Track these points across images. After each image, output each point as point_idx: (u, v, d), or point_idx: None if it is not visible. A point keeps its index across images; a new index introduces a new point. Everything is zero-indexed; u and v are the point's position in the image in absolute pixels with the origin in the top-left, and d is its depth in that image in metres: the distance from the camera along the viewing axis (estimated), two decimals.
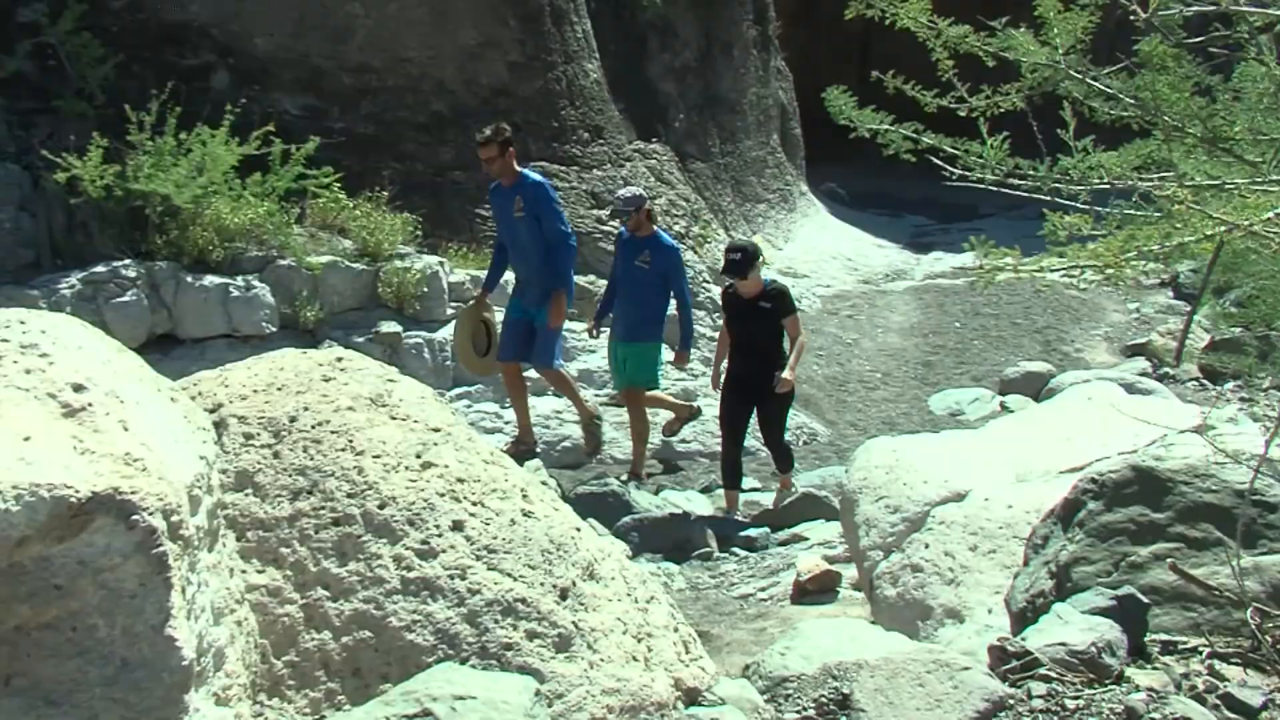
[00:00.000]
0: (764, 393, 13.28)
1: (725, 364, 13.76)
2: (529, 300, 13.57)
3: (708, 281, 21.39)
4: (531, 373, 14.37)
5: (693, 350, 15.11)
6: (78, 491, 3.82)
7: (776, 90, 30.29)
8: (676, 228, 21.85)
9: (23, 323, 4.45)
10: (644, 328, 14.18)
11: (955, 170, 6.05)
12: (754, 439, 14.48)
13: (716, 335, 20.67)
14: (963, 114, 6.20)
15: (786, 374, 13.10)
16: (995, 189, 5.90)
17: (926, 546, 8.16)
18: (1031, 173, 5.78)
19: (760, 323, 13.13)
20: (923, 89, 6.15)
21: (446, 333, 16.12)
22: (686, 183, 24.18)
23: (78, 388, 4.24)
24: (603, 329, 14.82)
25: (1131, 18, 5.53)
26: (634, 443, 14.54)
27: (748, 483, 14.70)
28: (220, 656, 4.40)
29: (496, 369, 14.24)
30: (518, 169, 13.21)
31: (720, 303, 14.53)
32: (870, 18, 6.18)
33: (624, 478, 14.08)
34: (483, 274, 15.52)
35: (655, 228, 14.24)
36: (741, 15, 28.54)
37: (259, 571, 4.96)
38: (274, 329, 15.47)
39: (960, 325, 22.98)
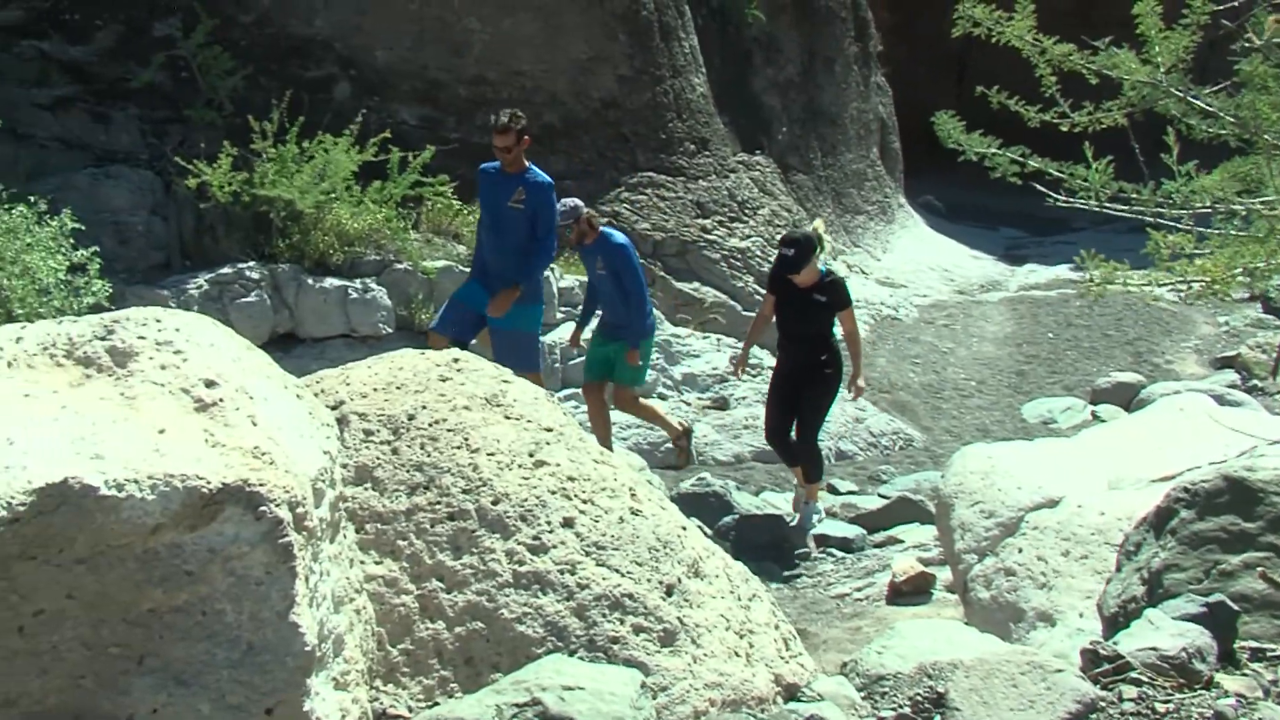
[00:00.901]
0: (803, 389, 12.75)
1: (754, 348, 13.55)
2: (493, 291, 12.64)
3: None
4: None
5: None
6: (209, 482, 4.00)
7: (876, 105, 30.31)
8: (779, 237, 21.93)
9: (158, 321, 4.65)
10: (621, 328, 13.57)
11: (1058, 196, 6.10)
12: (853, 443, 14.55)
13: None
14: (1065, 129, 6.26)
15: (860, 381, 12.87)
16: (1096, 208, 5.96)
17: (1020, 551, 8.20)
18: (1135, 196, 5.83)
19: (813, 314, 12.54)
20: (1025, 104, 6.22)
21: (555, 336, 16.32)
22: (788, 194, 24.26)
23: (209, 383, 4.43)
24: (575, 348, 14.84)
25: (1226, 35, 5.58)
26: (654, 423, 14.59)
27: (844, 485, 14.77)
28: (339, 643, 4.55)
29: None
30: (526, 162, 12.53)
31: (767, 284, 13.47)
32: (969, 34, 6.27)
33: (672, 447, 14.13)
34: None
35: (602, 229, 13.54)
36: (843, 31, 28.61)
37: (377, 563, 5.11)
38: (390, 330, 15.76)
39: (1053, 336, 22.93)
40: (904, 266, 27.40)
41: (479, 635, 4.99)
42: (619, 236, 13.65)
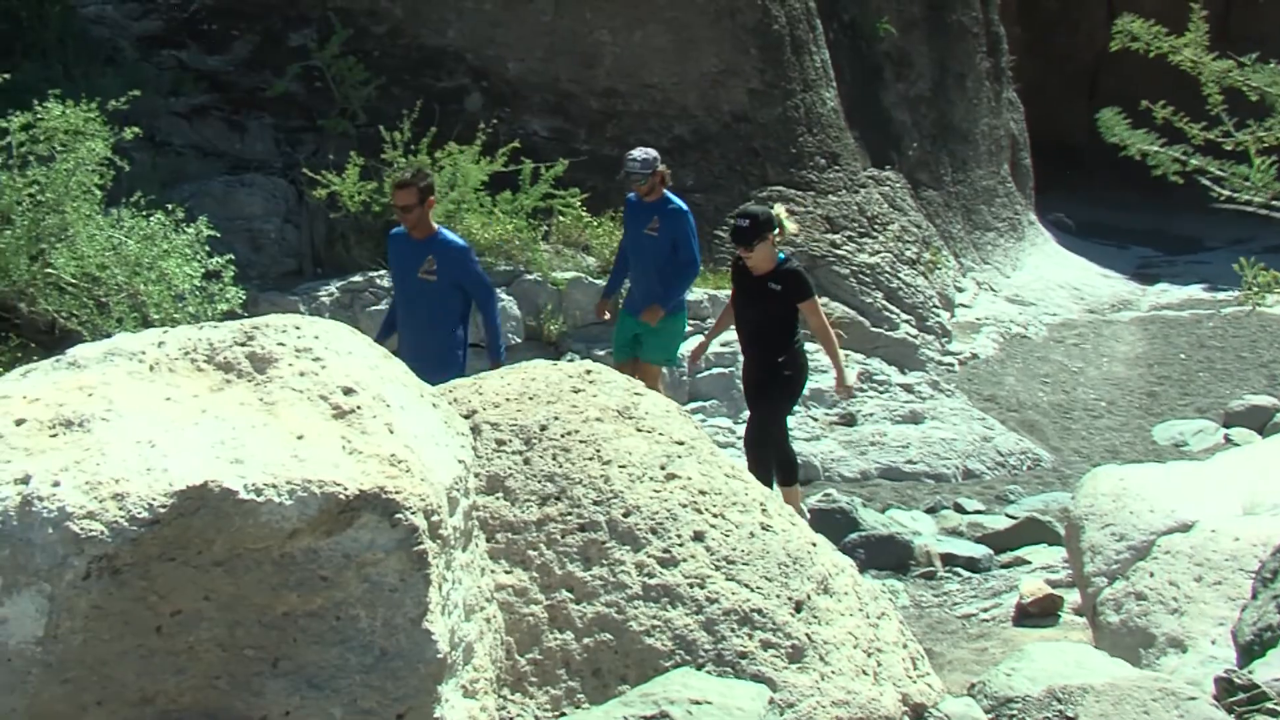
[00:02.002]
0: (760, 388, 11.43)
1: (717, 343, 12.22)
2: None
3: (937, 307, 21.34)
4: None
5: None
6: (346, 489, 4.05)
7: (1008, 120, 30.07)
8: (908, 253, 21.82)
9: (298, 328, 4.71)
10: (652, 300, 12.68)
11: (1221, 191, 6.02)
12: (980, 462, 14.42)
13: (942, 358, 20.65)
14: (1229, 147, 6.18)
15: (850, 381, 11.85)
16: (1263, 211, 5.86)
17: (1151, 575, 8.08)
18: None
19: (765, 305, 11.18)
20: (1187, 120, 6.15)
21: (684, 348, 16.32)
22: (918, 210, 24.13)
23: (347, 391, 4.47)
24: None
25: None
26: None
27: (971, 504, 14.64)
28: (469, 651, 4.57)
29: None
30: (434, 224, 11.03)
31: (730, 275, 12.25)
32: (1100, 50, 6.21)
33: None
34: (720, 293, 15.75)
35: (665, 191, 12.67)
36: (975, 46, 28.42)
37: (507, 572, 5.14)
38: (519, 340, 15.84)
39: (1185, 357, 22.60)
40: (1034, 284, 27.14)
41: (607, 647, 5.00)
42: (682, 202, 12.90)
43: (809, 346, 12.06)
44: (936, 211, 25.40)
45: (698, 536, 5.23)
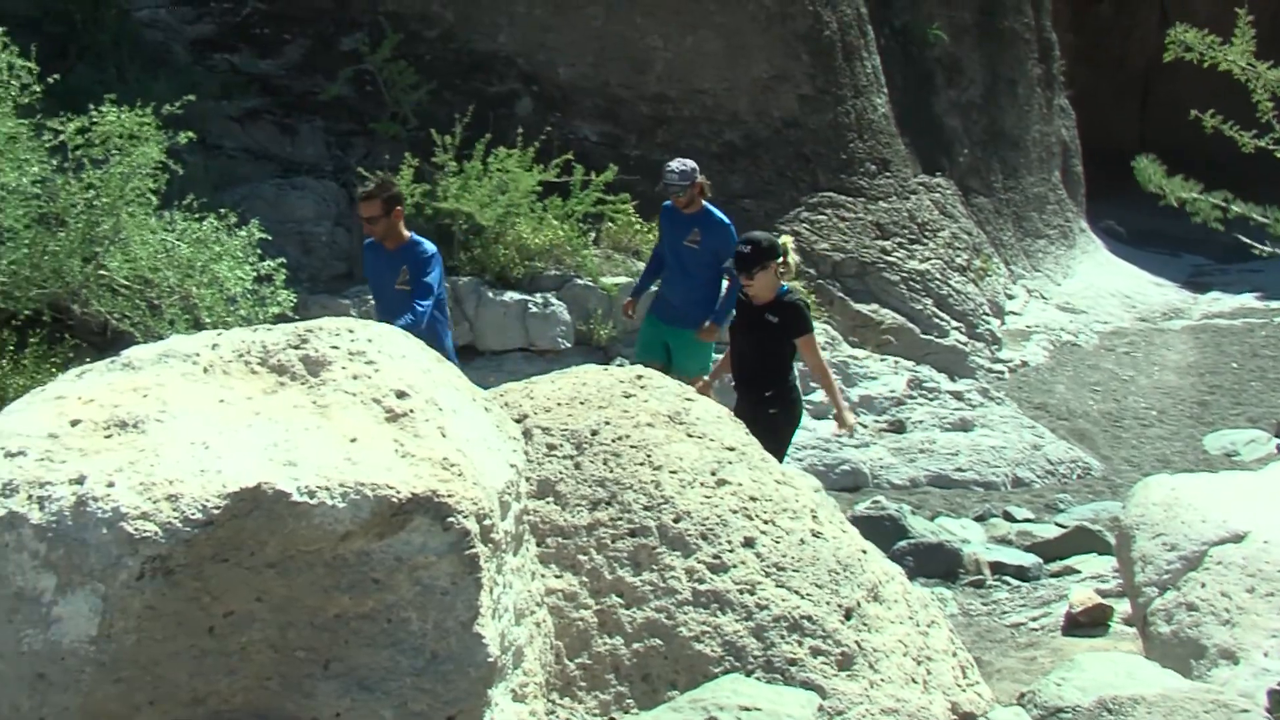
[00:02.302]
0: (747, 428, 10.25)
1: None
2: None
3: (987, 314, 21.27)
4: None
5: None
6: (399, 492, 4.06)
7: (1059, 127, 29.96)
8: (958, 260, 21.76)
9: (351, 331, 4.73)
10: (693, 312, 12.16)
11: (1261, 247, 5.98)
12: (1030, 471, 14.35)
13: (992, 365, 20.60)
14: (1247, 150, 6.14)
15: (849, 418, 10.90)
16: None
17: (1203, 586, 8.03)
18: None
19: (758, 337, 10.40)
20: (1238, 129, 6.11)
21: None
22: (969, 217, 24.06)
23: (400, 394, 4.49)
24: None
25: None
26: None
27: (1020, 513, 14.59)
28: (519, 655, 4.58)
29: None
30: (406, 233, 10.83)
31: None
32: (1153, 56, 6.20)
33: None
34: None
35: (705, 203, 12.18)
36: (1027, 53, 28.33)
37: (557, 576, 5.14)
38: (569, 345, 15.85)
39: (1237, 366, 22.46)
40: (1084, 292, 27.03)
41: (657, 652, 5.00)
42: (724, 215, 12.38)
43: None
44: (987, 218, 25.32)
45: (748, 543, 5.22)
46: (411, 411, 4.43)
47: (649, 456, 5.41)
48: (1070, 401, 20.21)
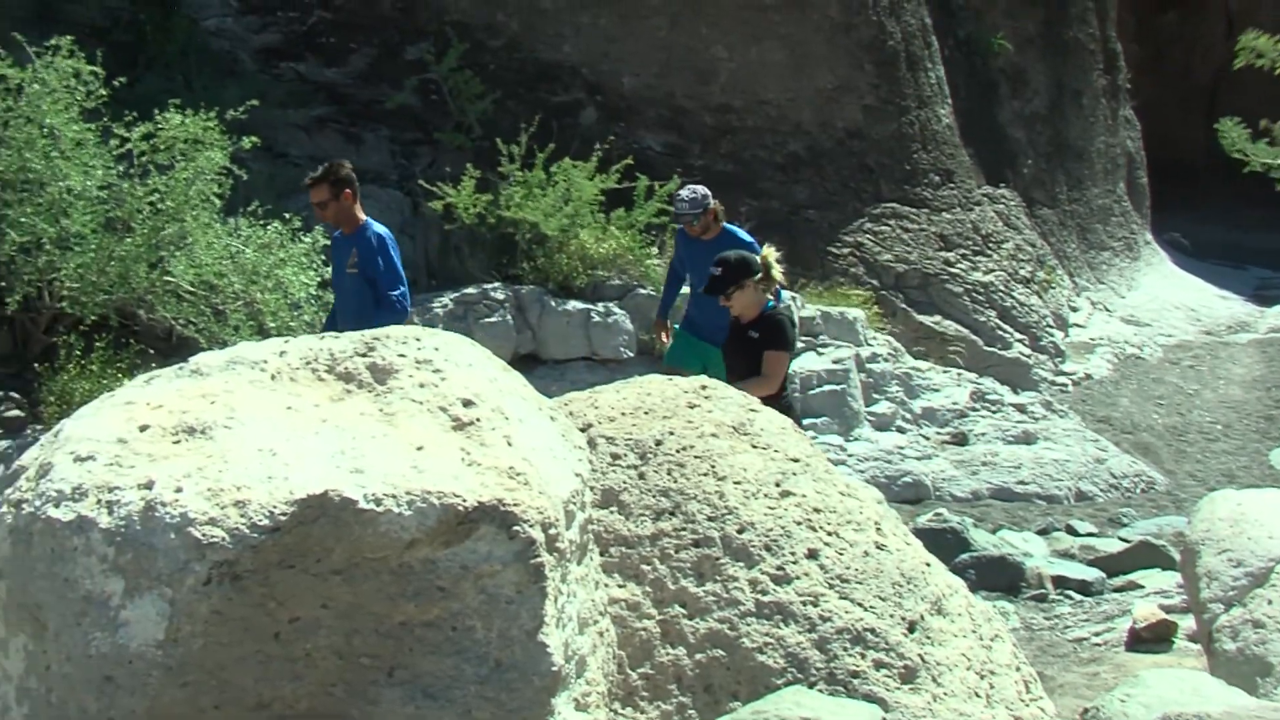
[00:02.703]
0: None
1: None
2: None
3: (1051, 326, 21.15)
4: None
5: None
6: (465, 501, 4.06)
7: (1124, 139, 29.81)
8: (1022, 272, 21.66)
9: (418, 339, 4.74)
10: (723, 334, 11.15)
11: None
12: (1093, 484, 14.26)
13: (1055, 378, 20.48)
14: None
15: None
16: None
17: (1270, 603, 7.95)
18: None
19: (743, 355, 9.97)
20: None
21: (797, 364, 16.29)
22: (1033, 228, 23.97)
23: (467, 403, 4.50)
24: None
25: None
26: None
27: (1083, 527, 14.51)
28: (582, 664, 4.58)
29: None
30: (361, 216, 10.54)
31: None
32: (1219, 67, 6.14)
33: None
34: (833, 310, 15.71)
35: (724, 225, 11.79)
36: (1092, 64, 28.21)
37: (620, 586, 5.13)
38: (631, 354, 15.88)
39: None
40: (1149, 305, 26.89)
41: (719, 663, 4.98)
42: (745, 233, 11.95)
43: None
44: (1051, 230, 25.22)
45: (812, 554, 5.20)
46: (478, 420, 4.44)
47: (713, 467, 5.40)
48: (1134, 415, 20.10)
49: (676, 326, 12.19)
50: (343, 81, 18.56)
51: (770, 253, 10.10)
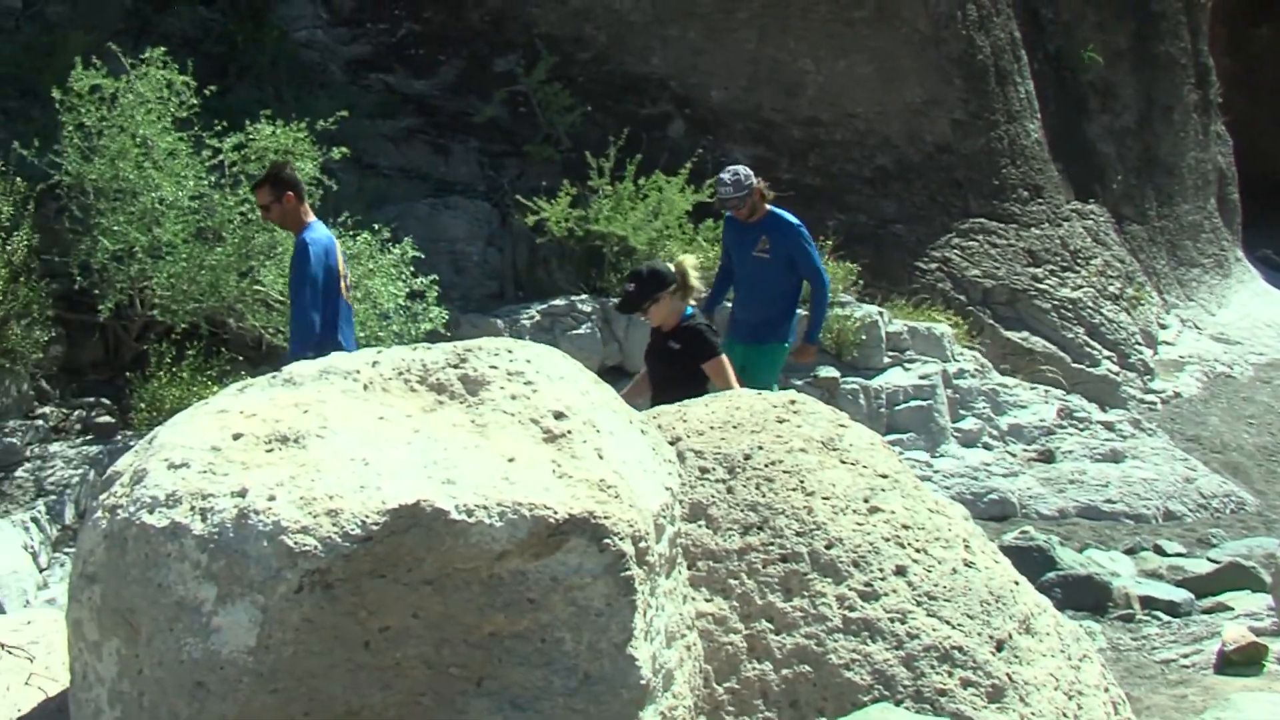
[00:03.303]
0: None
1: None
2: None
3: (1140, 344, 20.96)
4: None
5: None
6: (556, 513, 4.07)
7: (1216, 155, 29.49)
8: (1111, 288, 21.48)
9: (510, 351, 4.76)
10: (767, 327, 11.57)
11: None
12: (1182, 504, 14.12)
13: (1144, 395, 20.30)
14: None
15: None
16: None
17: None
18: None
19: (665, 367, 9.74)
20: None
21: (883, 380, 16.23)
22: (1122, 244, 23.78)
23: (558, 415, 4.51)
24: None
25: None
26: None
27: (1171, 547, 14.37)
28: (669, 678, 4.57)
29: None
30: (307, 219, 10.01)
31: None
32: None
33: None
34: (920, 325, 15.65)
35: (769, 206, 11.58)
36: (1183, 78, 27.93)
37: (707, 600, 5.13)
38: None
39: None
40: (1240, 322, 26.59)
41: (805, 679, 4.97)
42: (792, 216, 11.72)
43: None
44: (1140, 246, 25.00)
45: (900, 571, 5.18)
46: (569, 432, 4.45)
47: (801, 482, 5.39)
48: (1224, 434, 19.88)
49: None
50: (431, 93, 18.66)
51: (685, 259, 9.92)
